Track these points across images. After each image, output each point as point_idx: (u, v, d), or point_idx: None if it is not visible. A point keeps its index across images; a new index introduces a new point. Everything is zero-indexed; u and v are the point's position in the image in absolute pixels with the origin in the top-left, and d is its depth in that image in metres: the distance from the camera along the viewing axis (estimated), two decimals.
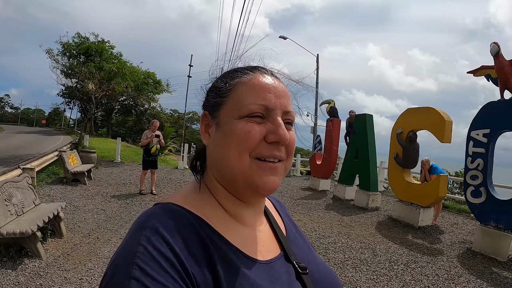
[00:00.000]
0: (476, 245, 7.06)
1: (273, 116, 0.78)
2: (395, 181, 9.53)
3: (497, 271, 6.19)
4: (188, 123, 52.20)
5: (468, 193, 7.34)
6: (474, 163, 7.19)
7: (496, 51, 6.55)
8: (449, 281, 5.53)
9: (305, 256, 0.92)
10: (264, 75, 0.83)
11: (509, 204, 6.66)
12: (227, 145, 0.77)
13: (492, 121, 6.99)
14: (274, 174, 0.78)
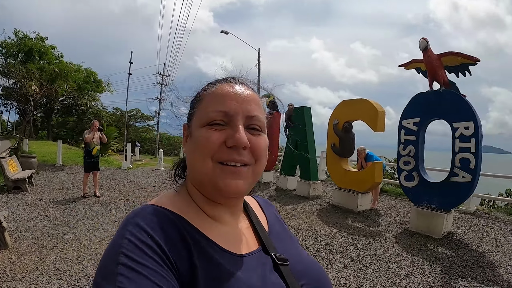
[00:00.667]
0: (412, 225, 7.50)
1: (233, 121, 0.82)
2: (333, 169, 9.85)
3: (432, 247, 6.53)
4: (131, 121, 50.65)
5: (402, 178, 7.83)
6: (406, 149, 7.71)
7: (425, 46, 6.95)
8: (386, 260, 5.76)
9: (288, 250, 0.96)
10: (230, 84, 0.87)
11: (440, 186, 7.16)
12: (193, 152, 0.84)
13: (421, 110, 7.45)
14: (237, 177, 0.81)
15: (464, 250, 6.50)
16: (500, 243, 6.99)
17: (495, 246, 6.80)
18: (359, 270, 5.31)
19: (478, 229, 7.90)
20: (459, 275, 5.38)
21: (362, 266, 5.47)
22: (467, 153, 6.71)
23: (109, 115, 43.23)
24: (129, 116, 49.01)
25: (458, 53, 6.82)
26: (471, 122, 6.64)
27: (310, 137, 10.90)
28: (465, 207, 9.19)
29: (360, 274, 5.16)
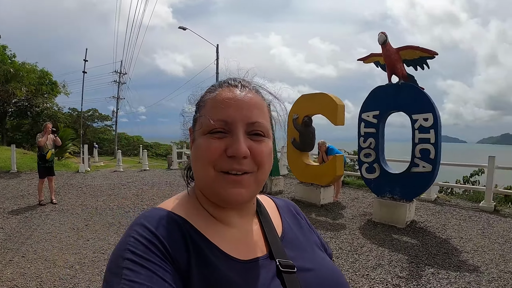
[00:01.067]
0: (376, 216, 7.51)
1: (233, 130, 0.80)
2: (294, 164, 9.73)
3: (397, 237, 6.53)
4: (88, 122, 48.98)
5: (363, 170, 7.85)
6: (366, 142, 7.72)
7: (384, 40, 6.96)
8: (353, 253, 5.68)
9: (302, 257, 0.91)
10: (230, 89, 0.85)
11: (401, 177, 7.25)
12: (195, 159, 0.84)
13: (381, 103, 7.50)
14: (239, 186, 0.80)
15: (428, 238, 6.53)
16: (462, 229, 7.08)
17: (458, 232, 6.88)
18: None
19: (440, 217, 7.99)
20: (425, 263, 5.36)
21: None
22: (427, 144, 6.79)
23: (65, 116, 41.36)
24: (86, 117, 47.30)
25: (416, 47, 6.88)
26: (430, 114, 6.71)
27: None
28: (426, 196, 9.30)
29: None
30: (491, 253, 5.85)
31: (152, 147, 46.04)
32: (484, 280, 4.83)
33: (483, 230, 7.06)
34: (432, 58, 6.81)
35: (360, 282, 4.64)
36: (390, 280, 4.73)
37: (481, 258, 5.63)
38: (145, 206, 8.47)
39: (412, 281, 4.72)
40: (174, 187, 11.16)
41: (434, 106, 6.75)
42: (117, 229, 6.67)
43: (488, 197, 8.78)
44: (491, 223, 7.52)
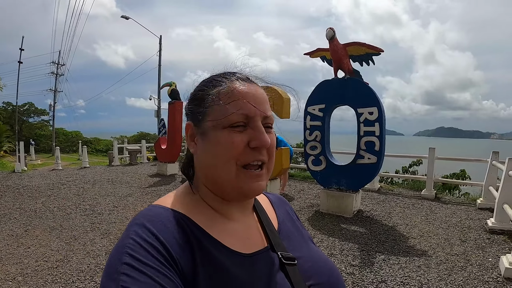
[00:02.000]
0: (323, 207, 7.57)
1: (253, 123, 0.82)
2: None
3: (345, 226, 6.56)
4: (23, 117, 45.83)
5: (309, 162, 7.84)
6: (312, 135, 7.72)
7: (331, 35, 6.94)
8: None
9: (297, 249, 0.94)
10: (241, 82, 0.86)
11: (347, 168, 7.34)
12: (214, 155, 0.82)
13: (327, 97, 7.53)
14: (260, 180, 0.83)
15: (375, 226, 6.61)
16: (407, 216, 7.24)
17: (403, 219, 7.01)
18: None
19: (385, 205, 8.14)
20: (375, 250, 5.42)
21: None
22: (372, 136, 6.92)
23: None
24: (21, 111, 44.31)
25: (363, 44, 6.96)
26: (375, 108, 6.85)
27: None
28: (370, 186, 9.48)
29: None
30: (437, 238, 6.00)
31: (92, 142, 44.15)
32: (433, 263, 4.95)
33: (426, 216, 7.26)
34: (378, 55, 6.92)
35: None
36: (344, 269, 4.71)
37: (428, 243, 5.76)
38: (87, 206, 7.91)
39: (365, 268, 4.73)
40: (117, 185, 10.60)
41: (379, 100, 6.90)
42: (59, 233, 6.12)
43: (429, 185, 9.12)
44: (433, 210, 7.76)
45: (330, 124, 7.82)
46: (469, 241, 5.83)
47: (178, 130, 12.02)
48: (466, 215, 7.32)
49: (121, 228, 6.34)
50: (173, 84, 12.45)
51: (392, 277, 4.47)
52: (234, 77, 0.88)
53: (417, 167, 13.30)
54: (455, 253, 5.32)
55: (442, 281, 4.40)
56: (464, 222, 6.83)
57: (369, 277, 4.47)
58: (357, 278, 4.42)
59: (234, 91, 0.83)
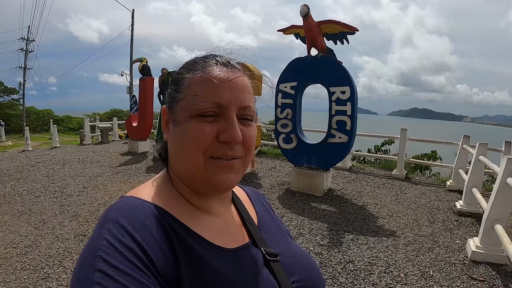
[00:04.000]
0: (294, 185, 7.48)
1: (226, 113, 0.75)
2: None
3: (315, 205, 6.50)
4: None
5: (280, 140, 7.70)
6: (283, 113, 7.56)
7: (306, 12, 6.75)
8: None
9: (278, 244, 0.91)
10: (220, 68, 0.77)
11: (318, 147, 7.23)
12: (181, 144, 0.76)
13: (299, 74, 7.35)
14: (230, 171, 0.76)
15: (345, 205, 6.58)
16: (377, 196, 7.24)
17: (373, 199, 7.01)
18: None
19: (356, 184, 8.12)
20: (344, 230, 5.37)
21: None
22: (343, 115, 6.82)
23: None
24: None
25: (338, 22, 6.80)
26: (347, 87, 6.73)
27: None
28: (342, 164, 9.43)
29: None
30: (405, 218, 6.01)
31: (64, 121, 43.01)
32: (401, 243, 4.94)
33: (396, 196, 7.27)
34: (353, 34, 6.78)
35: None
36: (312, 248, 4.63)
37: (397, 223, 5.76)
38: (57, 188, 7.51)
39: (333, 248, 4.67)
40: (87, 164, 10.17)
41: (352, 79, 6.80)
42: (28, 218, 5.77)
43: (400, 165, 9.17)
44: (403, 190, 7.78)
45: (302, 102, 7.69)
46: (437, 223, 5.85)
47: (149, 107, 11.65)
48: (436, 196, 7.36)
49: (90, 209, 6.09)
50: (144, 60, 12.02)
51: (359, 257, 4.43)
52: (213, 60, 0.80)
53: (389, 146, 13.44)
54: (423, 234, 5.33)
55: (409, 262, 4.39)
56: (433, 203, 6.86)
57: (337, 257, 4.41)
58: (325, 258, 4.35)
59: (209, 76, 0.75)
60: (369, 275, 4.02)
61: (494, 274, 4.17)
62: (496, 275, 4.15)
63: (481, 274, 4.17)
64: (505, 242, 3.95)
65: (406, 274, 4.09)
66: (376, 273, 4.07)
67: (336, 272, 4.03)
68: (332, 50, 7.10)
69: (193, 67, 0.79)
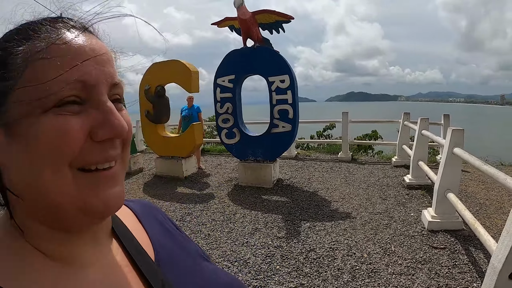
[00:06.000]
0: (242, 180, 7.28)
1: (97, 97, 0.48)
2: (151, 138, 8.90)
3: (267, 197, 6.35)
4: None
5: (223, 136, 7.48)
6: (223, 107, 7.35)
7: (240, 3, 6.54)
8: (227, 222, 5.28)
9: (188, 276, 0.65)
10: (74, 32, 0.49)
11: (262, 139, 7.08)
12: (30, 161, 0.45)
13: (236, 67, 7.14)
14: (115, 183, 0.51)
15: (297, 194, 6.47)
16: (326, 180, 7.18)
17: (323, 184, 6.95)
18: (203, 240, 4.66)
19: (304, 171, 8.03)
20: (300, 219, 5.22)
21: (204, 235, 4.84)
22: (284, 104, 6.71)
23: None
24: None
25: (272, 11, 6.67)
26: (287, 76, 6.62)
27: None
28: (287, 153, 9.35)
29: (205, 244, 4.52)
30: (358, 198, 5.99)
31: None
32: (358, 224, 4.90)
33: (345, 178, 7.26)
34: (288, 22, 6.69)
35: (242, 252, 4.22)
36: (271, 242, 4.43)
37: (350, 204, 5.71)
38: None
39: (292, 239, 4.49)
40: None
41: (290, 68, 6.69)
42: None
43: (345, 148, 9.27)
44: (351, 171, 7.80)
45: (241, 95, 7.49)
46: (389, 199, 5.87)
47: None
48: (383, 174, 7.44)
49: None
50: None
51: (320, 244, 4.29)
52: (61, 24, 0.50)
53: (331, 130, 13.62)
54: (378, 211, 5.33)
55: (370, 241, 4.35)
56: (382, 181, 6.91)
57: (298, 247, 4.24)
58: (285, 251, 4.16)
59: (62, 46, 0.46)
60: (333, 260, 3.89)
61: (453, 240, 4.26)
62: (455, 240, 4.25)
63: (440, 242, 4.24)
64: (460, 208, 4.02)
65: (369, 253, 4.04)
66: (340, 257, 3.96)
67: (299, 263, 3.86)
68: (268, 40, 6.97)
69: (30, 34, 0.48)
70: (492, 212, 5.38)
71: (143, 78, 8.54)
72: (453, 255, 3.93)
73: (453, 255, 3.93)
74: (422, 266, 3.72)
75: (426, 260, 3.84)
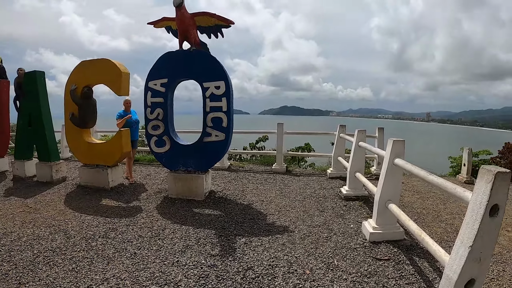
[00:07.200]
0: (172, 192, 6.84)
1: None
2: (75, 144, 8.12)
3: (198, 211, 5.96)
4: None
5: (152, 144, 7.00)
6: (154, 113, 6.87)
7: (180, 2, 6.17)
8: (155, 239, 4.79)
9: None
10: None
11: (193, 148, 6.70)
12: None
13: (170, 70, 6.74)
14: None
15: (230, 207, 6.14)
16: (261, 192, 6.94)
17: (258, 196, 6.70)
18: (128, 260, 4.13)
19: (237, 183, 7.71)
20: (235, 234, 4.88)
21: (130, 254, 4.31)
22: (219, 112, 6.38)
23: None
24: None
25: (213, 14, 6.37)
26: (222, 82, 6.32)
27: (45, 108, 8.73)
28: (220, 164, 9.02)
29: (130, 265, 4.00)
30: (295, 211, 5.78)
31: None
32: (297, 238, 4.66)
33: (281, 190, 7.04)
34: (228, 27, 6.43)
35: (172, 273, 3.76)
36: (204, 261, 4.00)
37: (287, 217, 5.47)
38: None
39: (227, 257, 4.11)
40: None
41: (227, 74, 6.40)
42: None
43: (280, 159, 9.10)
44: (286, 183, 7.59)
45: (175, 105, 7.05)
46: (327, 210, 5.71)
47: (4, 116, 9.76)
48: (319, 185, 7.30)
49: None
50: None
51: (258, 261, 3.96)
52: None
53: (263, 142, 13.48)
54: (317, 224, 5.14)
55: (311, 256, 4.11)
56: (318, 192, 6.76)
57: (234, 266, 3.86)
58: (220, 270, 3.76)
59: None
60: (273, 279, 3.57)
61: (396, 250, 4.17)
62: (398, 251, 4.15)
63: (384, 253, 4.12)
64: (403, 219, 3.95)
65: (312, 269, 3.79)
66: (280, 275, 3.65)
67: (237, 284, 3.48)
68: (206, 44, 6.69)
69: None
70: (430, 221, 5.41)
71: (69, 77, 7.88)
72: (398, 266, 3.81)
73: (398, 266, 3.81)
74: (368, 279, 3.54)
75: (372, 272, 3.67)
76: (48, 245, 4.56)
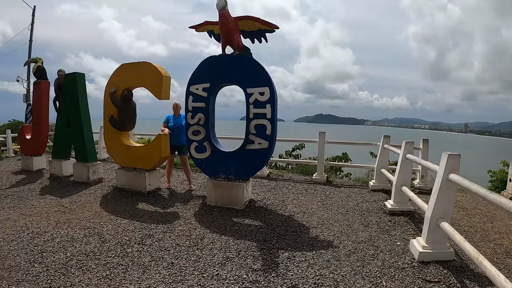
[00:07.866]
0: (211, 199, 6.68)
1: None
2: (113, 146, 8.14)
3: (238, 220, 5.78)
4: None
5: (192, 149, 6.86)
6: (195, 118, 6.74)
7: (223, 5, 6.00)
8: (193, 248, 4.63)
9: None
10: None
11: (235, 155, 6.52)
12: None
13: (212, 75, 6.59)
14: None
15: (271, 217, 5.93)
16: (302, 203, 6.72)
17: (299, 207, 6.48)
18: (165, 270, 3.99)
19: (277, 192, 7.53)
20: (277, 247, 4.65)
21: (167, 264, 4.17)
22: (262, 119, 6.18)
23: None
24: None
25: (257, 18, 6.17)
26: (267, 88, 6.12)
27: (84, 109, 8.89)
28: (259, 172, 8.80)
29: (167, 276, 3.85)
30: (338, 224, 5.53)
31: None
32: (342, 254, 4.40)
33: (322, 202, 6.80)
34: (272, 32, 6.23)
35: (211, 287, 3.54)
36: (246, 276, 3.80)
37: (331, 231, 5.24)
38: None
39: (270, 272, 3.90)
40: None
41: (271, 80, 6.20)
42: None
43: (320, 169, 8.86)
44: (327, 194, 7.35)
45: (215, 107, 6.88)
46: (372, 225, 5.44)
47: (44, 115, 10.02)
48: (362, 198, 7.03)
49: None
50: (39, 60, 10.32)
51: (303, 279, 3.73)
52: None
53: (299, 150, 13.25)
54: (362, 240, 4.87)
55: (358, 274, 3.85)
56: (361, 205, 6.49)
57: (277, 282, 3.65)
58: (263, 287, 3.55)
59: None
60: None
61: (446, 272, 3.87)
62: (448, 272, 3.85)
63: (434, 274, 3.82)
64: (459, 240, 3.63)
65: None
66: None
67: None
68: (249, 49, 6.50)
69: None
70: (479, 240, 5.04)
71: (109, 80, 7.91)
72: None
73: None
74: None
75: None
76: (82, 249, 4.51)
